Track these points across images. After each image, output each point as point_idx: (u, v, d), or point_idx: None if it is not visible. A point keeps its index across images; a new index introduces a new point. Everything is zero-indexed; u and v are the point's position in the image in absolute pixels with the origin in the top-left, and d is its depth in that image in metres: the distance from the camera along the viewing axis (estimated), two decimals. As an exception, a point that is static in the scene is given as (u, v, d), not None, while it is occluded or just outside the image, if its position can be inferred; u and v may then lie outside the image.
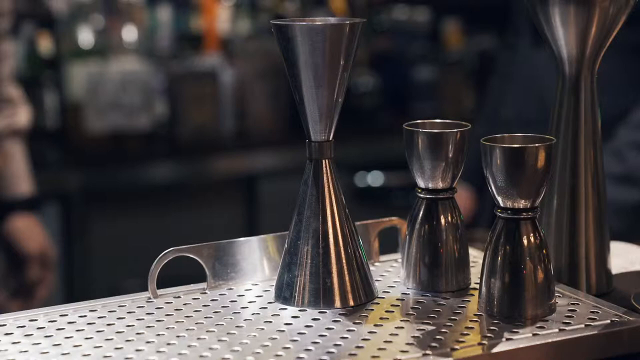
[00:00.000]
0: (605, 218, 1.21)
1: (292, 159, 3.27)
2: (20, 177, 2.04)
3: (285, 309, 1.09)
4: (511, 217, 1.05)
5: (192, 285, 1.17)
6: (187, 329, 1.03)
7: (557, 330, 1.02)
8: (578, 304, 1.09)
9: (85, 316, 1.08)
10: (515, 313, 1.05)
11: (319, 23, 1.06)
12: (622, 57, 1.92)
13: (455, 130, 1.12)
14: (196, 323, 1.05)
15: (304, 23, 1.05)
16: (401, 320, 1.05)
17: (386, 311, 1.08)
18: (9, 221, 2.01)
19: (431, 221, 1.14)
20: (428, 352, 0.97)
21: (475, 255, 1.22)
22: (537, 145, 1.04)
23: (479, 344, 0.99)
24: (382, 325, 1.04)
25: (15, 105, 2.05)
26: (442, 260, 1.14)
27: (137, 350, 0.98)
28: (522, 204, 1.05)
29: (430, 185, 1.14)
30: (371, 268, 1.17)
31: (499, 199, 1.05)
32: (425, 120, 1.16)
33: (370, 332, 1.02)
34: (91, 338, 1.02)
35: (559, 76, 1.20)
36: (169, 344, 1.00)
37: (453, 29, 3.94)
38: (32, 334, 1.03)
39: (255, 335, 1.01)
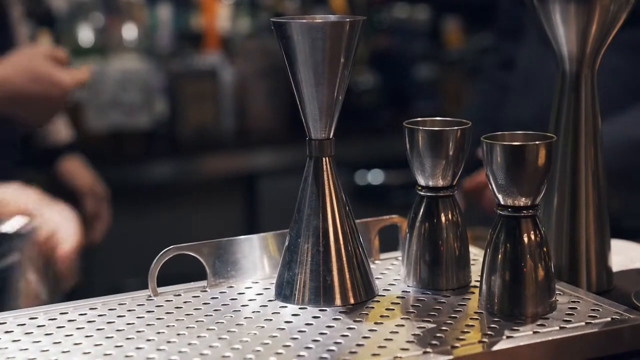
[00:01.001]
0: (606, 216, 1.21)
1: (293, 157, 3.27)
2: (59, 125, 2.22)
3: (286, 306, 1.09)
4: (512, 214, 1.05)
5: (192, 283, 1.17)
6: (187, 327, 1.03)
7: (557, 328, 1.02)
8: (578, 302, 1.09)
9: (85, 314, 1.08)
10: (515, 311, 1.05)
11: (319, 21, 1.06)
12: (623, 56, 1.91)
13: (456, 128, 1.12)
14: (196, 321, 1.05)
15: (304, 21, 1.05)
16: (401, 318, 1.05)
17: (386, 309, 1.08)
18: (58, 165, 2.21)
19: (431, 219, 1.14)
20: (428, 350, 0.97)
21: (476, 253, 1.22)
22: (537, 142, 1.04)
23: (480, 341, 0.99)
24: (382, 323, 1.04)
25: None
26: (443, 258, 1.14)
27: (137, 348, 0.98)
28: (522, 201, 1.05)
29: (430, 183, 1.14)
30: (371, 266, 1.17)
31: (500, 196, 1.05)
32: (426, 118, 1.15)
33: (370, 330, 1.02)
34: (91, 336, 1.02)
35: (559, 74, 1.20)
36: (169, 342, 1.00)
37: (453, 27, 3.94)
38: (32, 332, 1.03)
39: (255, 333, 1.01)
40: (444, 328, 1.02)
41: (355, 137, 3.41)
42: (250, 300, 1.12)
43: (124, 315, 1.07)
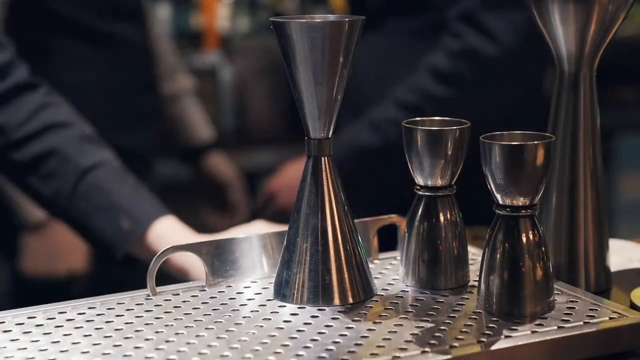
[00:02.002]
0: (605, 215, 1.21)
1: (292, 156, 3.26)
2: (200, 125, 2.48)
3: (284, 306, 1.09)
4: (510, 214, 1.05)
5: (191, 282, 1.17)
6: (185, 327, 1.03)
7: (556, 327, 1.02)
8: (577, 302, 1.09)
9: (84, 313, 1.08)
10: (514, 310, 1.05)
11: (318, 20, 1.06)
12: (406, 42, 1.95)
13: (455, 127, 1.12)
14: (195, 320, 1.05)
15: (303, 20, 1.05)
16: (400, 318, 1.05)
17: (385, 308, 1.08)
18: (203, 160, 2.48)
19: (430, 219, 1.14)
20: (427, 349, 0.97)
21: (474, 253, 1.22)
22: (536, 142, 1.04)
23: (478, 341, 0.99)
24: (381, 322, 1.04)
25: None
26: (441, 258, 1.14)
27: (136, 347, 0.98)
28: (521, 201, 1.05)
29: (429, 183, 1.14)
30: (370, 265, 1.17)
31: (498, 196, 1.05)
32: (425, 118, 1.16)
33: (369, 330, 1.02)
34: (90, 335, 1.02)
35: (557, 73, 1.20)
36: (167, 341, 1.00)
37: (453, 26, 3.93)
38: (30, 332, 1.03)
39: (254, 333, 1.01)
40: (442, 328, 1.02)
41: (355, 136, 3.40)
42: (249, 299, 1.12)
43: (123, 315, 1.07)
